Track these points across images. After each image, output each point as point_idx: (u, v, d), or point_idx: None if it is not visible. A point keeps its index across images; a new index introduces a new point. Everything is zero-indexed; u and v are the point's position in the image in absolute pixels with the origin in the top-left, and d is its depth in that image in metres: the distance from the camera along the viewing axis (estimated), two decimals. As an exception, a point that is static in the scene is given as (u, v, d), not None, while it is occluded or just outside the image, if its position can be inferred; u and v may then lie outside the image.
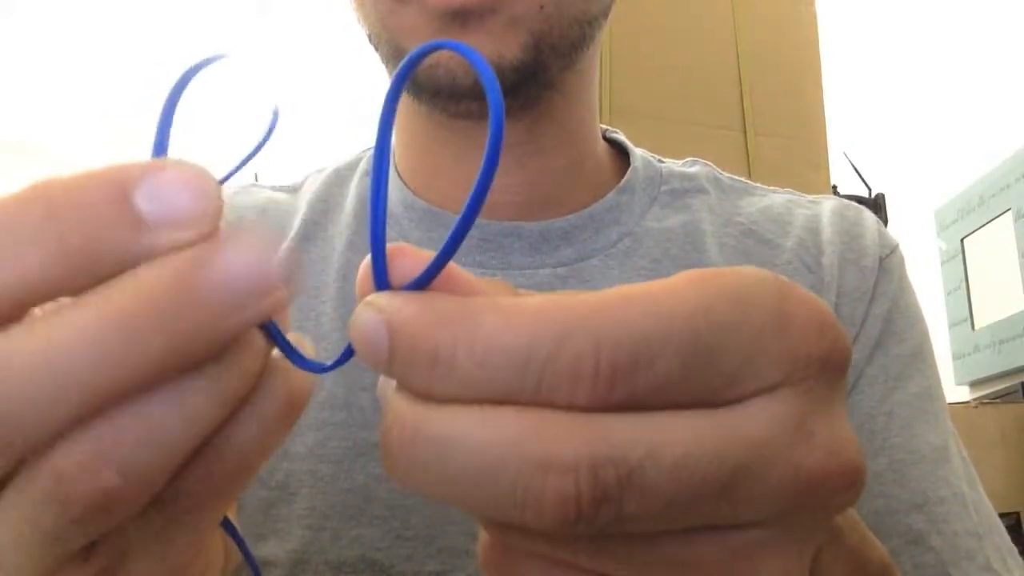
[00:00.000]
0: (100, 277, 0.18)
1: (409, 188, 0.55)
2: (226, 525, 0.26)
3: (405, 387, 0.20)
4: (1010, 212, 2.02)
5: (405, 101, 0.53)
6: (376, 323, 0.19)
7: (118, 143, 3.18)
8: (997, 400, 1.95)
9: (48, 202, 0.18)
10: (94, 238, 0.18)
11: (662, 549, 0.20)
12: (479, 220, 0.53)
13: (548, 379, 0.18)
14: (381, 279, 0.20)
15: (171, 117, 0.22)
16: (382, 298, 0.20)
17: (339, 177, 0.58)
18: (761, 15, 1.53)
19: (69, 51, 2.90)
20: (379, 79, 0.57)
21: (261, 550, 0.47)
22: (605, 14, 0.51)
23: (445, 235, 0.61)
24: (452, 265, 0.20)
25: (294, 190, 0.59)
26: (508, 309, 0.19)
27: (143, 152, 0.23)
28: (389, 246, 0.20)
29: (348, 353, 0.21)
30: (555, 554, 0.20)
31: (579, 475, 0.18)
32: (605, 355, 0.18)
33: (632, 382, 0.18)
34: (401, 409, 0.19)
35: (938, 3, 2.31)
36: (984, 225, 2.12)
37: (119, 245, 0.18)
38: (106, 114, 3.13)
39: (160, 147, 0.21)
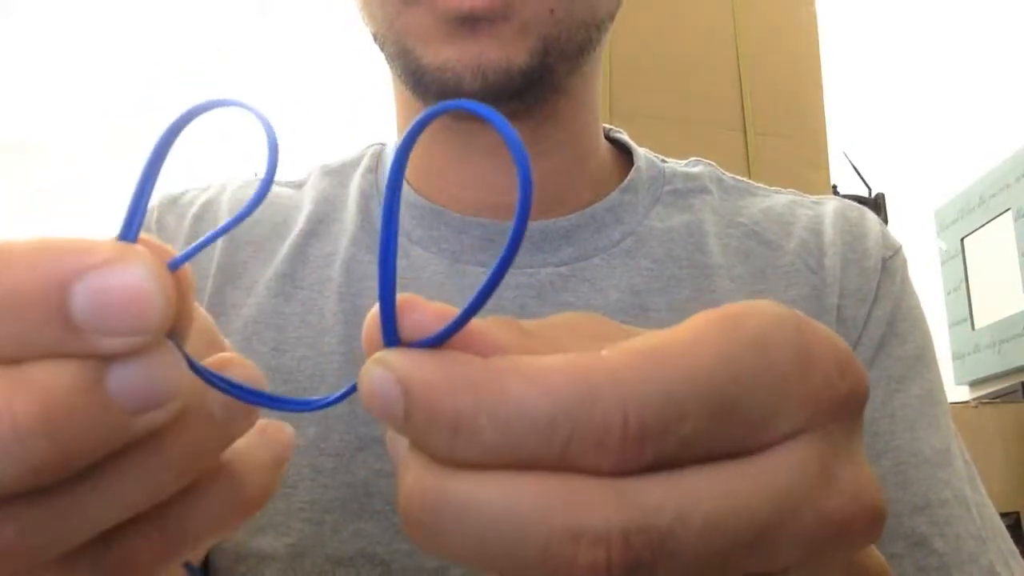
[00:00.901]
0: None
1: (411, 186, 0.55)
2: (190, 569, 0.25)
3: (421, 448, 0.19)
4: (1010, 212, 2.02)
5: (410, 101, 0.53)
6: (389, 382, 0.18)
7: (118, 143, 3.18)
8: (997, 400, 1.95)
9: None
10: (20, 341, 0.17)
11: None
12: (482, 220, 0.53)
13: (575, 445, 0.18)
14: (390, 335, 0.19)
15: (148, 188, 0.20)
16: (395, 356, 0.19)
17: (342, 174, 0.58)
18: (761, 15, 1.53)
19: (69, 51, 2.90)
20: (379, 79, 0.57)
21: (259, 543, 0.47)
22: (611, 17, 0.51)
23: (446, 233, 0.61)
24: (473, 323, 0.19)
25: (298, 186, 0.59)
26: (531, 371, 0.18)
27: (142, 152, 0.23)
28: (399, 297, 0.19)
29: (349, 391, 0.20)
30: None
31: (610, 544, 0.17)
32: (632, 418, 0.17)
33: (660, 443, 0.18)
34: (421, 473, 0.18)
35: (938, 3, 2.31)
36: (984, 225, 2.12)
37: (50, 345, 0.17)
38: (106, 114, 3.13)
39: (129, 227, 0.19)
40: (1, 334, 0.17)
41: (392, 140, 0.60)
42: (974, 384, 2.16)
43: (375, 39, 0.51)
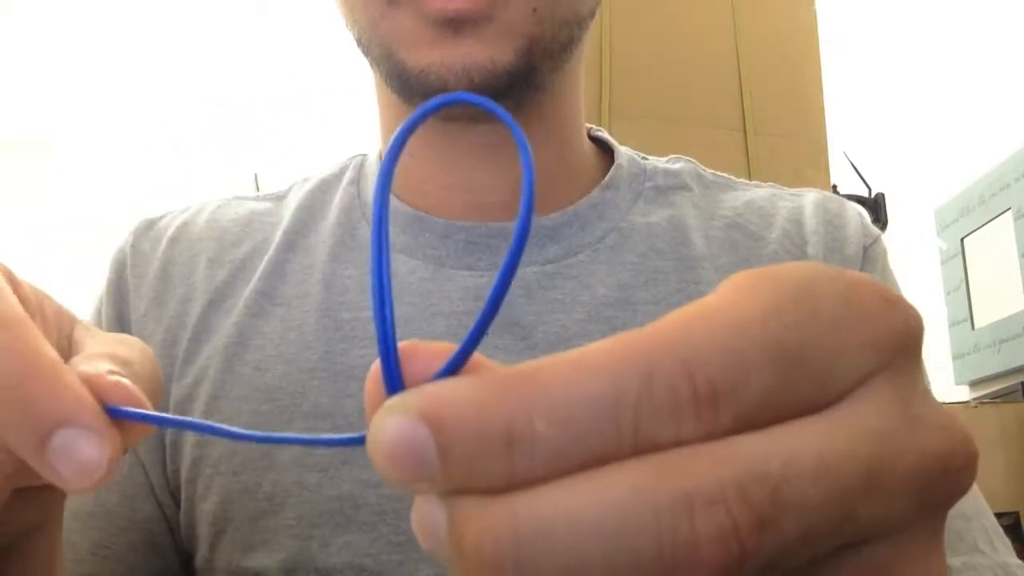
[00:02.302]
0: None
1: (394, 193, 0.55)
2: None
3: (468, 489, 0.16)
4: (1010, 212, 2.02)
5: (395, 104, 0.53)
6: (411, 426, 0.16)
7: (118, 143, 3.18)
8: (997, 400, 1.95)
9: None
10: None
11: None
12: (465, 223, 0.53)
13: (646, 420, 0.16)
14: (395, 384, 0.17)
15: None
16: (408, 396, 0.17)
17: (324, 186, 0.58)
18: (761, 15, 1.53)
19: (69, 51, 2.90)
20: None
21: (252, 562, 0.47)
22: (592, 14, 0.51)
23: (431, 239, 0.61)
24: (477, 356, 0.18)
25: (279, 198, 0.59)
26: (574, 359, 0.16)
27: (142, 152, 0.23)
28: (400, 345, 0.17)
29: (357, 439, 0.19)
30: None
31: (729, 504, 0.15)
32: (700, 378, 0.16)
33: (735, 401, 0.16)
34: (484, 515, 0.16)
35: (938, 3, 2.31)
36: (984, 225, 2.12)
37: (21, 449, 0.22)
38: (106, 114, 3.12)
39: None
40: None
41: (375, 149, 0.60)
42: (974, 384, 2.16)
43: (358, 44, 0.51)
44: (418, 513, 0.18)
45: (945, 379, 2.12)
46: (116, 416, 0.22)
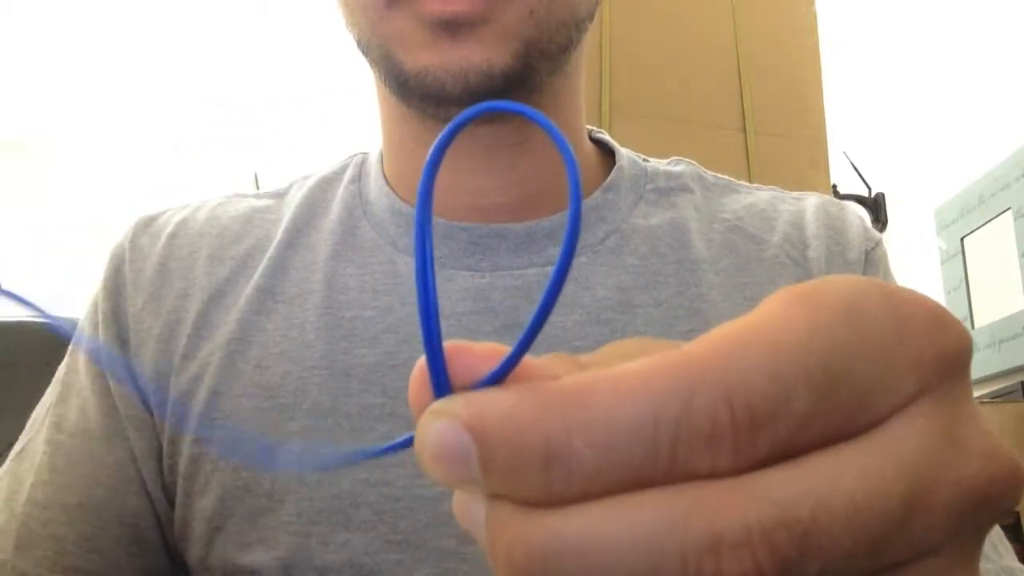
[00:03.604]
0: None
1: (397, 194, 0.55)
2: None
3: (508, 496, 0.17)
4: (1010, 211, 2.02)
5: (395, 106, 0.53)
6: (455, 431, 0.16)
7: (118, 143, 3.18)
8: (997, 400, 1.95)
9: None
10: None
11: None
12: (467, 224, 0.53)
13: (684, 446, 0.16)
14: (442, 384, 0.17)
15: None
16: (455, 402, 0.17)
17: (325, 184, 0.58)
18: (761, 15, 1.53)
19: (69, 51, 2.90)
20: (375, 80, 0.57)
21: (249, 559, 0.47)
22: (590, 16, 0.51)
23: (433, 241, 0.61)
24: (528, 360, 0.18)
25: (279, 196, 0.59)
26: (615, 380, 0.16)
27: (143, 153, 0.23)
28: (446, 345, 0.17)
29: (404, 443, 0.18)
30: None
31: (754, 548, 0.16)
32: (739, 403, 0.16)
33: (773, 428, 0.16)
34: (519, 525, 0.16)
35: (938, 3, 2.31)
36: (984, 224, 2.12)
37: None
38: (106, 114, 3.12)
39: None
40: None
41: (376, 148, 0.60)
42: (974, 383, 2.15)
43: (358, 45, 0.51)
44: (460, 500, 0.18)
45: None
46: None
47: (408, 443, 0.18)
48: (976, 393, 2.12)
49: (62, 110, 3.13)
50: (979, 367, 2.11)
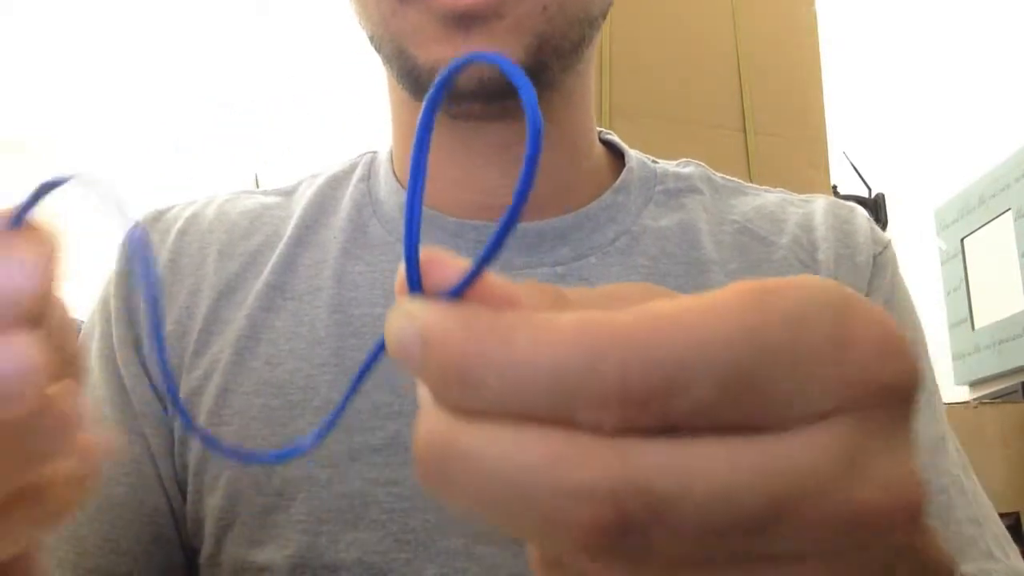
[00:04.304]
0: None
1: (405, 188, 0.55)
2: None
3: (437, 397, 0.19)
4: (1010, 212, 2.02)
5: (407, 102, 0.53)
6: (410, 331, 0.19)
7: (118, 143, 3.18)
8: (997, 400, 1.95)
9: None
10: None
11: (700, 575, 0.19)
12: (477, 222, 0.53)
13: (576, 402, 0.18)
14: (415, 283, 0.20)
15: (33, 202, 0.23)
16: (416, 307, 0.19)
17: (334, 182, 0.58)
18: (761, 15, 1.53)
19: (69, 51, 2.90)
20: (377, 80, 0.57)
21: (259, 556, 0.47)
22: (604, 14, 0.51)
23: (442, 237, 0.61)
24: (489, 274, 0.20)
25: (288, 194, 0.59)
26: (540, 327, 0.18)
27: (142, 152, 0.23)
28: (424, 252, 0.20)
29: (378, 349, 0.22)
30: (594, 572, 0.20)
31: (604, 504, 0.17)
32: (635, 379, 0.17)
33: (664, 407, 0.17)
34: (434, 421, 0.19)
35: (938, 3, 2.31)
36: (984, 225, 2.12)
37: None
38: (106, 114, 3.13)
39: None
40: None
41: (386, 146, 0.60)
42: (974, 384, 2.16)
43: (371, 41, 0.51)
44: (419, 382, 0.20)
45: (945, 379, 2.12)
46: None
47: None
48: (976, 393, 2.12)
49: (62, 110, 3.13)
50: (979, 367, 2.11)
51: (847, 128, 1.97)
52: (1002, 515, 0.52)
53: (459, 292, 0.20)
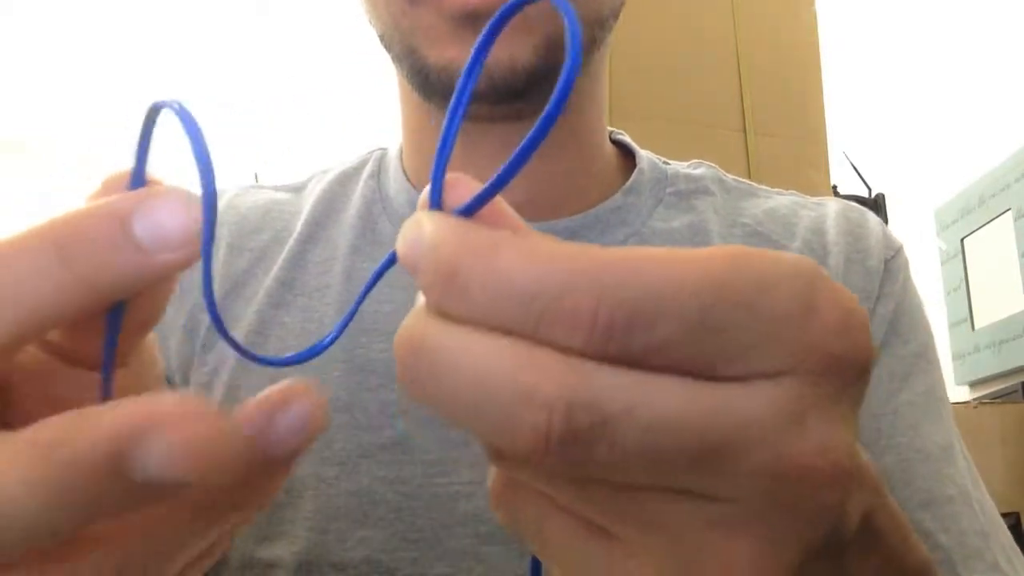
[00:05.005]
0: (103, 302, 0.21)
1: (416, 189, 0.55)
2: None
3: (426, 300, 0.21)
4: (1010, 212, 2.01)
5: (418, 101, 0.53)
6: (416, 236, 0.21)
7: (118, 143, 3.18)
8: (997, 400, 1.95)
9: (56, 238, 0.20)
10: (100, 266, 0.20)
11: (639, 504, 0.20)
12: None
13: (547, 321, 0.19)
14: (435, 201, 0.22)
15: (146, 148, 0.24)
16: (428, 217, 0.21)
17: (344, 179, 0.58)
18: (761, 15, 1.53)
19: (69, 51, 2.90)
20: (378, 80, 0.57)
21: (266, 553, 0.47)
22: (615, 15, 0.51)
23: None
24: (504, 205, 0.22)
25: (297, 190, 0.59)
26: (528, 248, 0.19)
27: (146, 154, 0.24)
28: (449, 175, 0.22)
29: (390, 259, 0.24)
30: (544, 491, 0.22)
31: (553, 414, 0.18)
32: (604, 309, 0.18)
33: (628, 339, 0.19)
34: (417, 319, 0.20)
35: (938, 3, 2.31)
36: (984, 225, 2.12)
37: (122, 270, 0.21)
38: (107, 114, 3.12)
39: (138, 177, 0.23)
40: (85, 270, 0.20)
41: (395, 144, 0.60)
42: (974, 384, 2.16)
43: (381, 40, 0.51)
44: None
45: (945, 379, 2.12)
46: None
47: (393, 259, 0.23)
48: (976, 393, 2.12)
49: (62, 110, 3.13)
50: (979, 367, 2.11)
51: (847, 128, 1.97)
52: (1002, 515, 0.52)
53: (470, 211, 0.21)
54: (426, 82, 0.48)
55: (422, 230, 0.21)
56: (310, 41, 2.81)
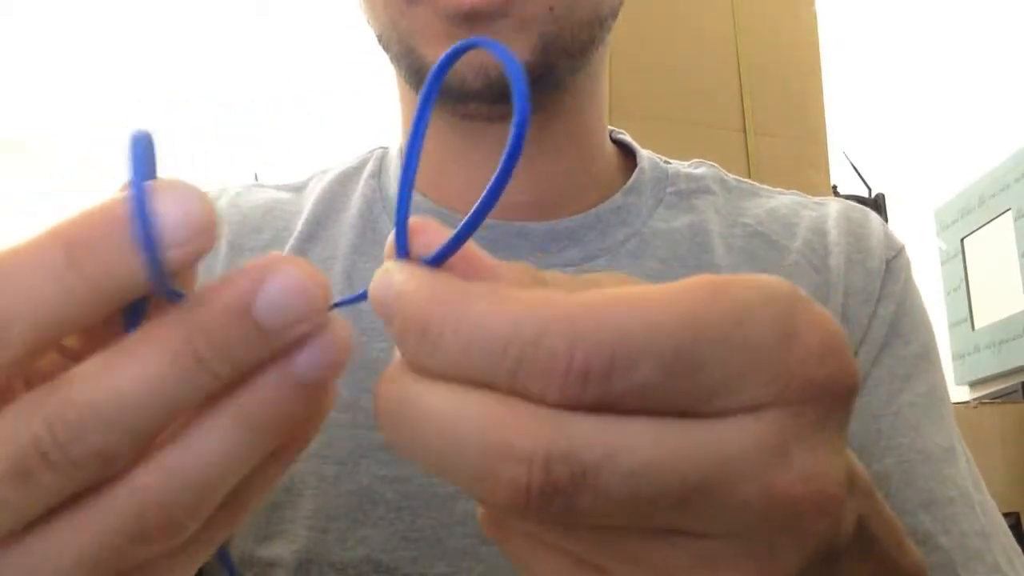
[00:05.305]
0: (117, 303, 0.20)
1: (416, 189, 0.55)
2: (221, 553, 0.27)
3: (401, 352, 0.21)
4: (1010, 212, 2.01)
5: (413, 100, 0.53)
6: (386, 289, 0.21)
7: (118, 143, 3.17)
8: (997, 400, 1.95)
9: (64, 243, 0.20)
10: (109, 267, 0.20)
11: (627, 544, 0.20)
12: (488, 221, 0.53)
13: (522, 371, 0.19)
14: (402, 248, 0.22)
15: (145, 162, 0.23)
16: (397, 268, 0.21)
17: (345, 178, 0.58)
18: (761, 15, 1.53)
19: (69, 51, 2.90)
20: (378, 80, 0.57)
21: (266, 551, 0.47)
22: (614, 15, 0.51)
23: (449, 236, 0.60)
24: (472, 247, 0.22)
25: (298, 189, 0.59)
26: (499, 298, 0.19)
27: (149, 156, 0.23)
28: (412, 220, 0.22)
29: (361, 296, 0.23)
30: (532, 531, 0.22)
31: (532, 467, 0.18)
32: (579, 356, 0.18)
33: (605, 385, 0.18)
34: (394, 371, 0.20)
35: (938, 3, 2.31)
36: (984, 225, 2.11)
37: (131, 269, 0.20)
38: (107, 114, 3.12)
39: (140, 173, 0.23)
40: (89, 255, 0.20)
41: (396, 143, 0.60)
42: (974, 384, 2.16)
43: (379, 40, 0.51)
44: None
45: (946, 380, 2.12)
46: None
47: (364, 297, 0.22)
48: (976, 393, 2.12)
49: (62, 110, 3.13)
50: (979, 367, 2.11)
51: (847, 128, 1.97)
52: (1002, 515, 0.51)
53: (439, 260, 0.21)
54: (424, 81, 0.48)
55: (391, 279, 0.20)
56: (310, 41, 2.81)
